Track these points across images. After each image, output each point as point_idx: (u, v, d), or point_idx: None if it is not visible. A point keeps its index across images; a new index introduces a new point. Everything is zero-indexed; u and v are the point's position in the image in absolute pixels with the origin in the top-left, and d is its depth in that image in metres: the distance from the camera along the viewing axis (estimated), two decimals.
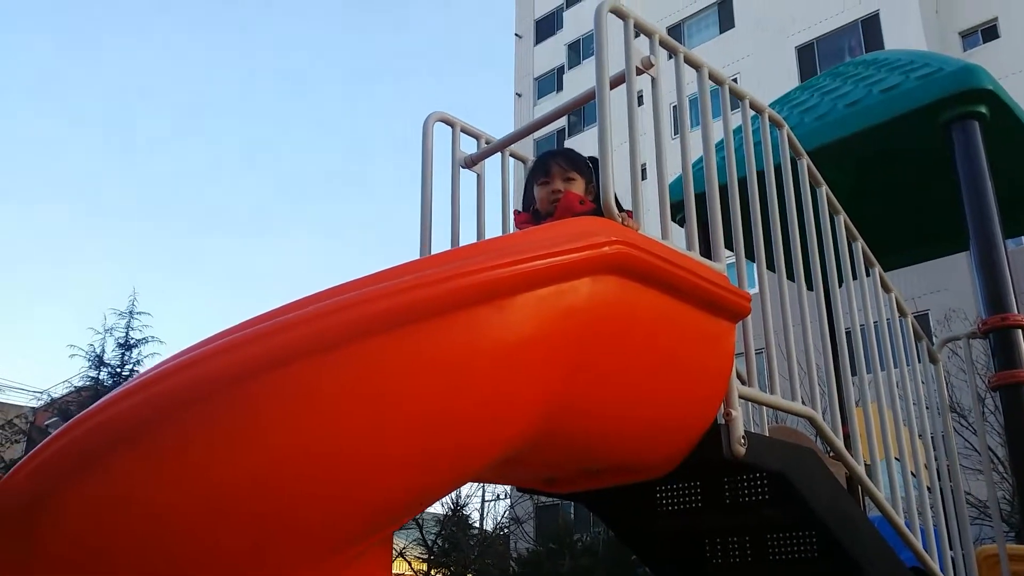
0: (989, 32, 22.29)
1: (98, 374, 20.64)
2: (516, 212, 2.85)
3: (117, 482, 1.50)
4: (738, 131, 3.70)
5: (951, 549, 3.25)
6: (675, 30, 27.63)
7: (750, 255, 2.82)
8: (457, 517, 24.20)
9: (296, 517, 1.53)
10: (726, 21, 26.80)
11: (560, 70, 32.16)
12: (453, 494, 24.04)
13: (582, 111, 29.55)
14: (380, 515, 1.62)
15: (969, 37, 22.65)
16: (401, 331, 1.57)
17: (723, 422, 2.20)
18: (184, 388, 1.49)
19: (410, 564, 22.66)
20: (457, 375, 1.64)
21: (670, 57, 2.50)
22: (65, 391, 21.98)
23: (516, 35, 35.02)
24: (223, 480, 1.49)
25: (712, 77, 2.59)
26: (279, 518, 1.52)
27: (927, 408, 3.42)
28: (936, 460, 3.44)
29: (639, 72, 2.32)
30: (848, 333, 3.04)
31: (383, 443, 1.56)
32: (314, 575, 1.58)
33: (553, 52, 32.70)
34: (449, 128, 2.92)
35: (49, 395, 22.18)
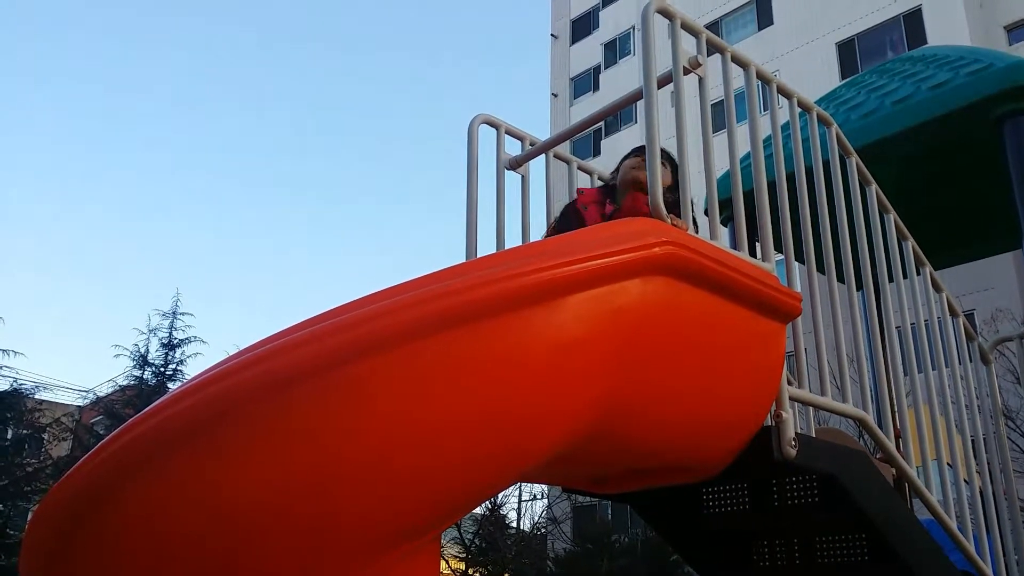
0: None
1: (142, 373, 20.97)
2: (579, 190, 2.92)
3: (176, 482, 1.53)
4: (785, 128, 3.67)
5: (1004, 554, 3.19)
6: (713, 27, 27.40)
7: (799, 255, 2.79)
8: (495, 517, 24.24)
9: (352, 516, 1.55)
10: (764, 18, 26.53)
11: (596, 70, 32.07)
12: None
13: (617, 112, 29.46)
14: (434, 514, 1.64)
15: (1015, 31, 22.18)
16: (456, 332, 1.59)
17: (773, 423, 2.18)
18: (243, 388, 1.52)
19: (447, 563, 22.74)
20: (510, 375, 1.65)
21: (711, 53, 2.48)
22: (110, 390, 22.38)
23: (552, 35, 34.99)
24: (281, 479, 1.51)
25: (760, 75, 2.57)
26: (336, 516, 1.54)
27: (979, 410, 3.36)
28: (988, 463, 3.38)
29: (686, 72, 2.31)
30: (899, 333, 2.99)
31: (438, 442, 1.57)
32: (368, 571, 1.59)
33: (590, 52, 32.63)
34: (494, 130, 2.93)
35: (95, 394, 22.58)
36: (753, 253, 2.35)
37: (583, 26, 33.60)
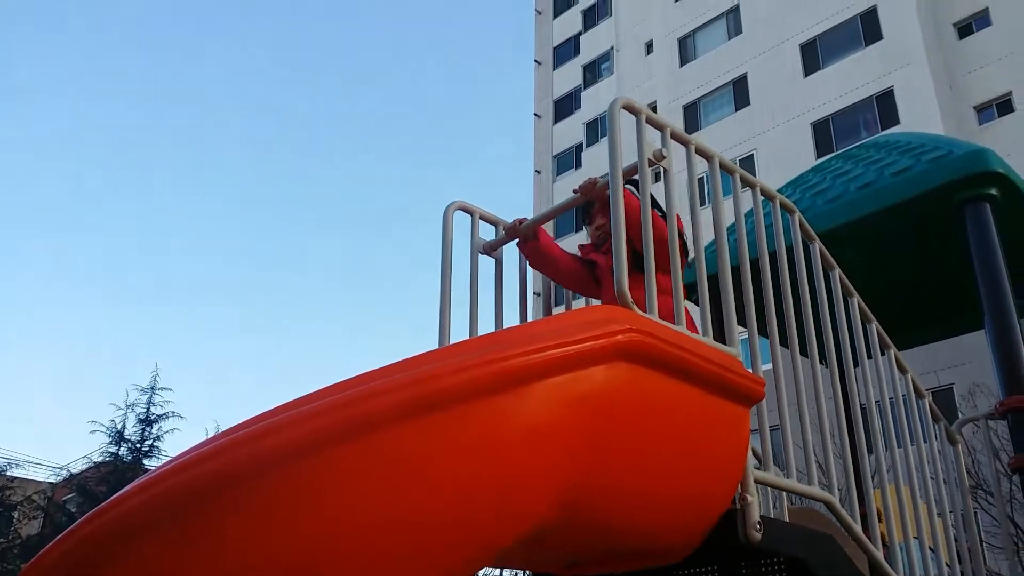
0: (1004, 106, 22.51)
1: (118, 449, 20.65)
2: (580, 246, 3.24)
3: (149, 567, 1.54)
4: (750, 214, 3.78)
5: None
6: (691, 108, 28.09)
7: (764, 333, 2.86)
8: None
9: None
10: (741, 99, 27.24)
11: (579, 148, 32.70)
12: None
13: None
14: None
15: (984, 111, 22.87)
16: (422, 420, 1.63)
17: (739, 507, 2.22)
18: (206, 479, 1.54)
19: None
20: (476, 463, 1.68)
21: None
22: (84, 466, 22.00)
23: (535, 115, 35.73)
24: (250, 566, 1.53)
25: (723, 166, 2.68)
26: None
27: (944, 481, 3.40)
28: (957, 540, 3.40)
29: (651, 164, 2.41)
30: (864, 413, 3.05)
31: (404, 531, 1.60)
32: None
33: (572, 131, 33.32)
34: (468, 216, 3.02)
35: (68, 471, 22.19)
36: (719, 335, 2.42)
37: (566, 106, 34.38)
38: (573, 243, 3.42)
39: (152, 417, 21.35)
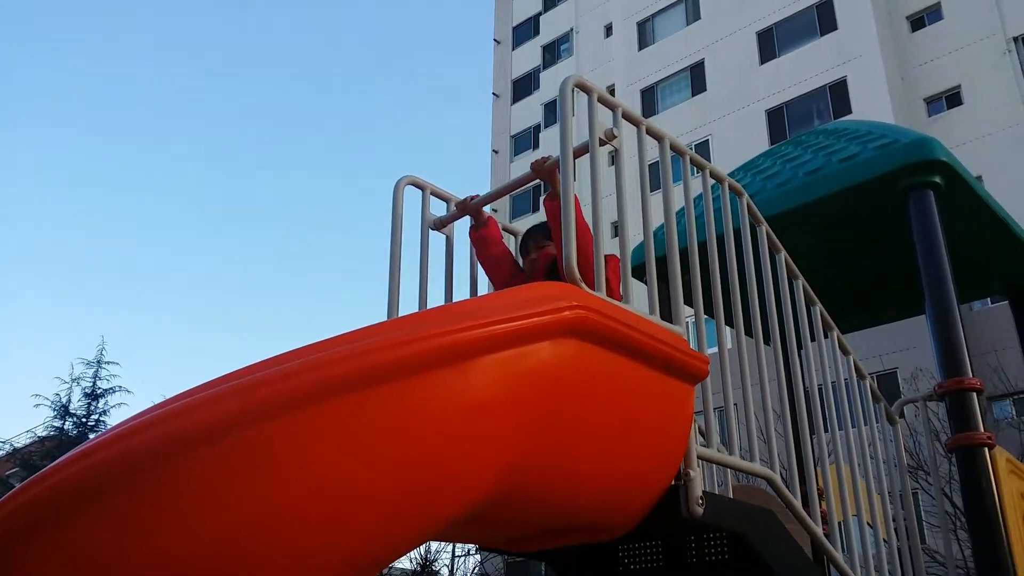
0: (953, 99, 22.94)
1: (63, 424, 20.29)
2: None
3: (75, 543, 1.51)
4: (699, 198, 3.82)
5: None
6: (648, 92, 28.20)
7: (711, 314, 2.89)
8: (426, 573, 23.78)
9: (262, 574, 1.55)
10: (698, 85, 27.41)
11: (536, 128, 32.65)
12: (422, 549, 23.68)
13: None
14: (342, 571, 1.64)
15: (934, 103, 23.30)
16: (363, 393, 1.62)
17: (682, 482, 2.25)
18: (142, 450, 1.51)
19: None
20: (418, 436, 1.68)
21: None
22: (28, 441, 21.57)
23: (494, 94, 35.58)
24: (183, 542, 1.51)
25: (673, 148, 2.70)
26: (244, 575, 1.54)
27: (884, 464, 3.49)
28: (895, 520, 3.50)
29: (602, 143, 2.41)
30: (807, 394, 3.11)
31: (343, 503, 1.59)
32: None
33: (530, 111, 33.24)
34: (419, 191, 3.00)
35: (11, 445, 21.74)
36: (667, 315, 2.44)
37: (524, 86, 34.26)
38: (528, 224, 3.42)
39: (98, 391, 21.01)
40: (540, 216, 3.44)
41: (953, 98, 22.97)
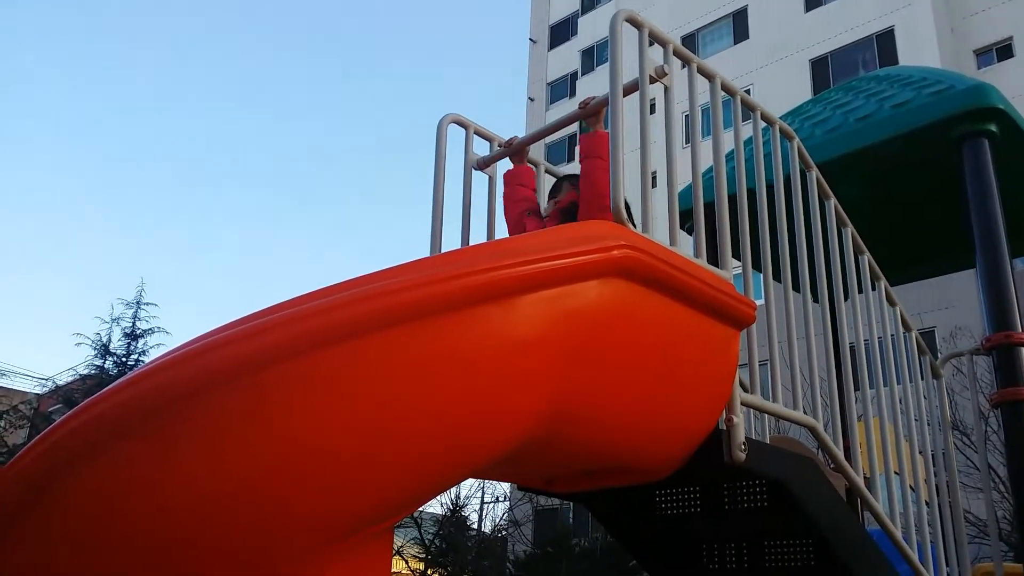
0: (1004, 51, 22.24)
1: (103, 363, 20.66)
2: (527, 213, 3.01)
3: (121, 471, 1.52)
4: (749, 142, 3.73)
5: (947, 565, 3.26)
6: (689, 40, 27.61)
7: (757, 266, 2.84)
8: (456, 518, 24.17)
9: (299, 506, 1.55)
10: (740, 32, 26.79)
11: (573, 76, 32.19)
12: (452, 494, 24.06)
13: None
14: (380, 506, 1.65)
15: (984, 55, 22.61)
16: (409, 326, 1.60)
17: (724, 428, 2.22)
18: (190, 378, 1.51)
19: (407, 563, 22.64)
20: (462, 371, 1.67)
21: (684, 67, 2.53)
22: (70, 379, 22.05)
23: (531, 40, 35.08)
24: (227, 470, 1.51)
25: (725, 88, 2.62)
26: (282, 507, 1.54)
27: (928, 424, 3.44)
28: (936, 476, 3.45)
29: (652, 81, 2.35)
30: (852, 347, 3.05)
31: (386, 435, 1.59)
32: (315, 562, 1.60)
33: (567, 58, 32.74)
34: (463, 130, 2.95)
35: (54, 382, 22.22)
36: (713, 262, 2.40)
37: (561, 32, 33.71)
38: (563, 172, 3.36)
39: (138, 332, 21.32)
40: (574, 165, 3.38)
41: (1004, 50, 22.25)
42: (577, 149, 2.78)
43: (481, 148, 3.03)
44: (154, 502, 1.52)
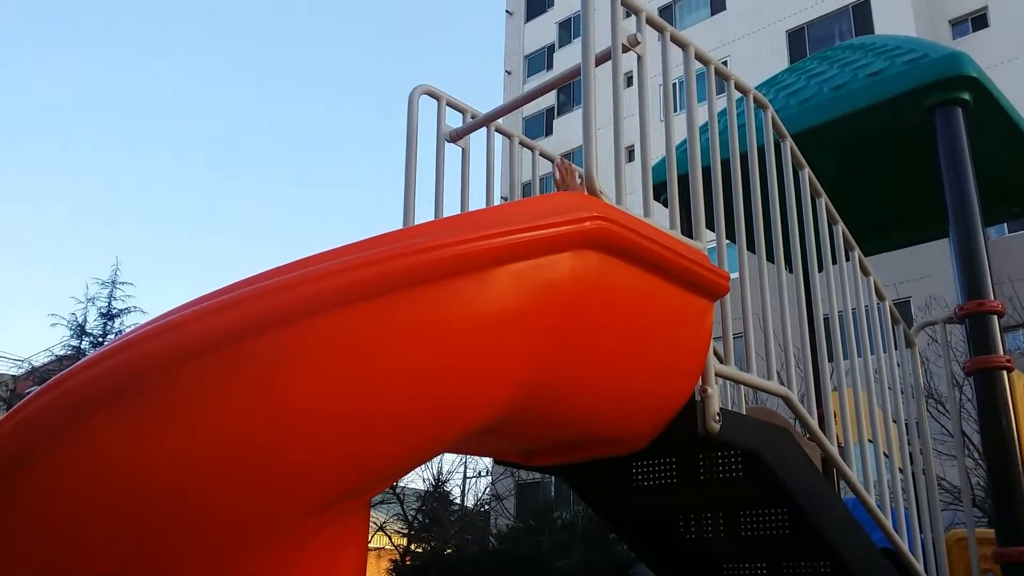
0: (979, 21, 22.31)
1: (80, 343, 20.50)
2: None
3: (96, 443, 1.51)
4: (723, 114, 3.72)
5: (921, 532, 3.31)
6: (666, 11, 27.50)
7: (732, 237, 2.84)
8: (438, 493, 24.27)
9: (276, 480, 1.54)
10: (717, 3, 26.71)
11: (550, 48, 32.01)
12: (434, 469, 24.15)
13: (571, 91, 29.45)
14: (356, 480, 1.64)
15: (959, 25, 22.67)
16: (380, 300, 1.58)
17: (699, 399, 2.23)
18: (164, 351, 1.49)
19: (390, 538, 22.74)
20: (435, 345, 1.65)
21: (659, 38, 2.50)
22: (47, 359, 21.87)
23: (507, 12, 34.80)
24: (202, 444, 1.50)
25: (698, 57, 2.60)
26: (259, 482, 1.53)
27: (902, 393, 3.47)
28: (910, 444, 3.49)
29: (625, 50, 2.32)
30: (826, 317, 3.07)
31: (360, 409, 1.57)
32: (290, 538, 1.60)
33: (544, 30, 32.54)
34: (435, 101, 2.92)
35: (30, 363, 22.05)
36: (688, 234, 2.39)
37: (538, 4, 33.46)
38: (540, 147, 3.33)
39: (114, 311, 21.16)
40: (552, 140, 3.34)
41: (979, 20, 22.33)
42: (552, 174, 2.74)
43: (454, 121, 2.99)
44: (128, 477, 1.50)
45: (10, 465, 1.52)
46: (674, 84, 2.42)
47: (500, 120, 3.05)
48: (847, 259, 3.26)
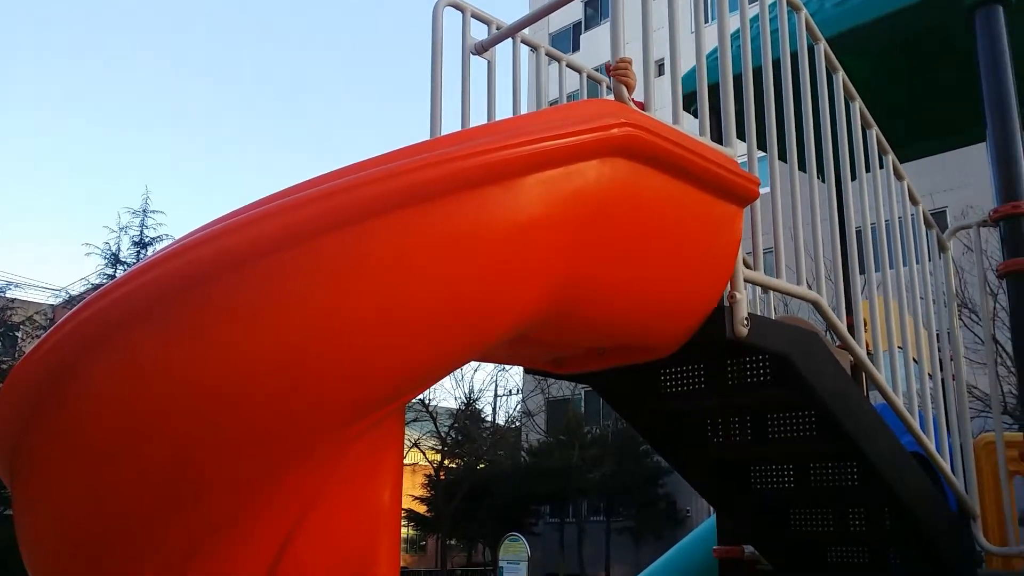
0: None
1: (114, 272, 20.83)
2: None
3: (141, 355, 1.56)
4: (755, 20, 3.63)
5: (949, 436, 3.33)
6: None
7: (763, 147, 2.80)
8: (470, 411, 24.70)
9: (317, 388, 1.59)
10: None
11: None
12: (466, 388, 24.49)
13: (599, 4, 28.74)
14: (396, 385, 1.68)
15: None
16: (412, 209, 1.61)
17: (728, 304, 2.24)
18: (206, 262, 1.53)
19: (424, 454, 23.28)
20: (466, 253, 1.68)
21: None
22: (83, 288, 22.27)
23: None
24: (244, 353, 1.54)
25: None
26: (301, 388, 1.58)
27: (934, 301, 3.45)
28: (940, 351, 3.49)
29: None
30: (858, 229, 3.04)
31: (396, 316, 1.61)
32: (333, 444, 1.65)
33: None
34: (459, 13, 2.88)
35: (68, 292, 22.46)
36: (718, 142, 2.37)
37: None
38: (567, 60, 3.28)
39: (146, 240, 21.43)
40: (579, 56, 3.28)
41: None
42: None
43: (479, 32, 2.96)
44: (171, 384, 1.55)
45: (55, 377, 1.58)
46: None
47: (527, 31, 3.01)
48: (880, 165, 3.22)
